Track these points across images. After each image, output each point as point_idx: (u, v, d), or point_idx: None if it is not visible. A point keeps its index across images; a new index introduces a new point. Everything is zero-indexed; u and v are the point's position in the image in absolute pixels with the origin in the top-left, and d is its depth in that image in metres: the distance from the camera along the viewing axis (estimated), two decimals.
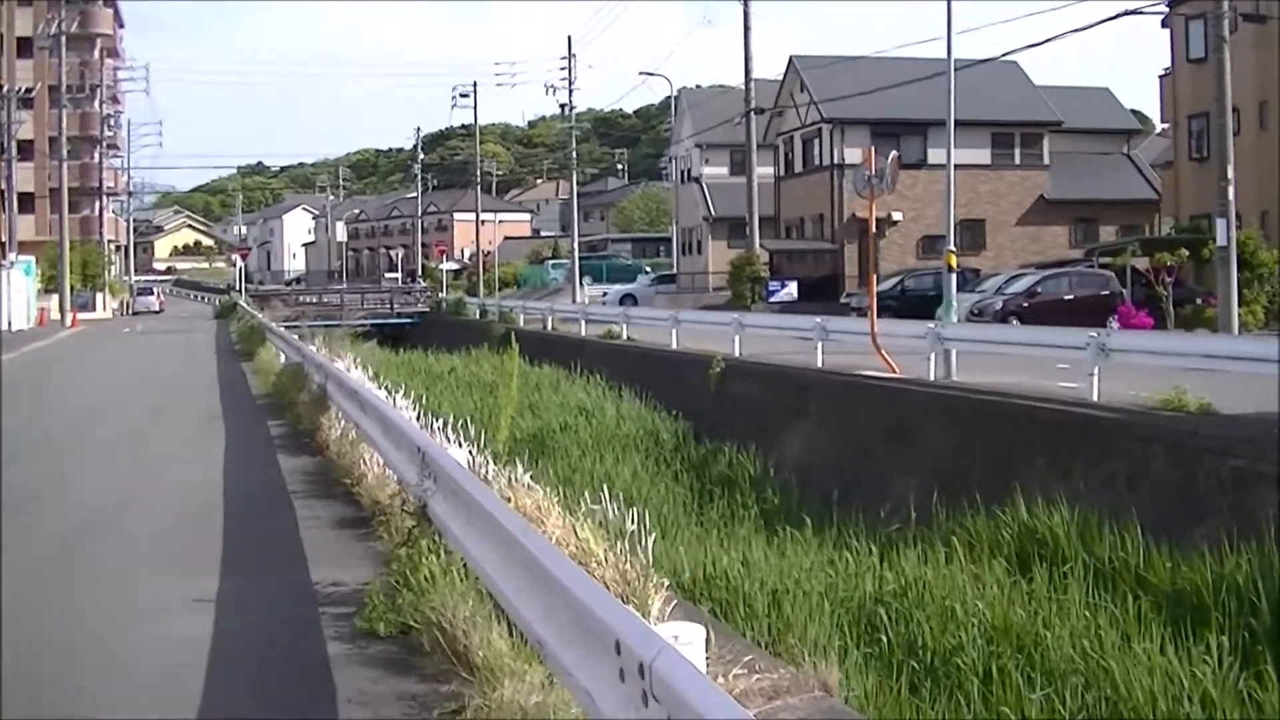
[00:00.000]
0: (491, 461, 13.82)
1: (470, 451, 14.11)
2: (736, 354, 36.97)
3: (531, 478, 12.46)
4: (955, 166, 64.46)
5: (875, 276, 34.74)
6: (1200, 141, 63.25)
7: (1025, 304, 47.52)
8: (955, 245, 71.80)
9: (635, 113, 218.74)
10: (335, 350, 31.58)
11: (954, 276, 33.84)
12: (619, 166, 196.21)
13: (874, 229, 33.97)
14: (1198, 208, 61.98)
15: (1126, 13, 41.72)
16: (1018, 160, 75.09)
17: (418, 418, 17.36)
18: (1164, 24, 64.75)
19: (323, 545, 14.79)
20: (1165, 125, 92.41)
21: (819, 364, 32.82)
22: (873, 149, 32.67)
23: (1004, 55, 55.83)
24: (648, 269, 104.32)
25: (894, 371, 29.95)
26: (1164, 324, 44.87)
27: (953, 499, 21.16)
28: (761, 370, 34.70)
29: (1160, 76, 68.42)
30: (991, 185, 72.12)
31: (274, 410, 30.50)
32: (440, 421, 16.42)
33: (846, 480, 26.25)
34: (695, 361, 37.84)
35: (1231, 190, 38.92)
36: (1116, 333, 24.71)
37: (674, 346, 41.90)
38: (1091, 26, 63.34)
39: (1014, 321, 44.70)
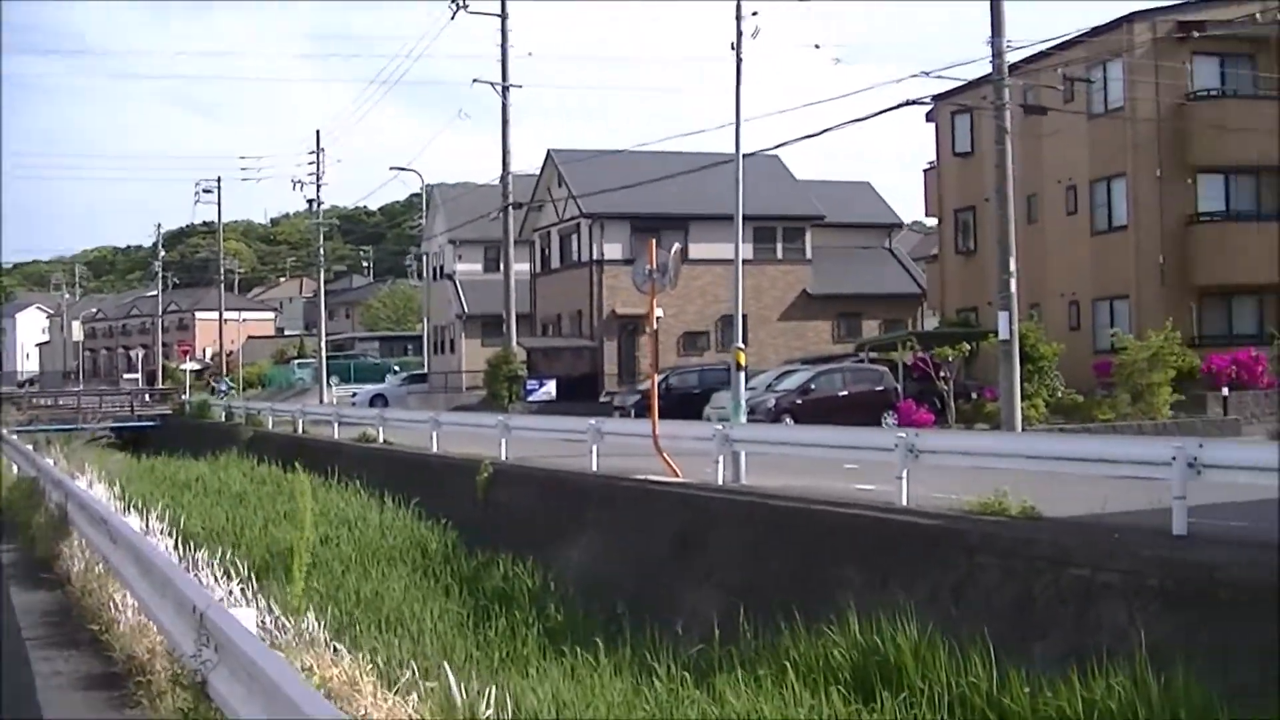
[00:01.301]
0: (284, 616, 11.72)
1: (257, 605, 11.99)
2: (504, 458, 35.02)
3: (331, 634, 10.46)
4: (716, 261, 64.24)
5: (655, 375, 32.76)
6: (966, 235, 63.16)
7: (799, 401, 46.46)
8: (716, 341, 71.74)
9: (380, 210, 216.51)
10: (75, 462, 29.14)
11: (742, 374, 32.09)
12: (364, 264, 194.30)
13: (654, 325, 32.18)
14: (964, 301, 61.96)
15: (904, 104, 40.96)
16: (780, 254, 74.49)
17: (175, 545, 15.18)
18: (929, 118, 64.64)
19: (68, 715, 12.29)
20: (914, 220, 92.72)
21: (595, 468, 30.95)
22: (654, 242, 31.06)
23: (770, 149, 55.01)
24: (396, 368, 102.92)
25: (677, 475, 28.23)
26: (945, 420, 44.03)
27: (759, 614, 19.47)
28: (534, 475, 32.79)
29: (925, 170, 68.16)
30: (754, 280, 70.74)
31: (4, 531, 27.87)
32: (204, 552, 14.27)
33: (635, 594, 24.42)
34: (460, 466, 35.90)
35: (1014, 283, 38.15)
36: (926, 433, 23.27)
37: (435, 450, 39.92)
38: (865, 119, 62.85)
39: (788, 419, 43.69)
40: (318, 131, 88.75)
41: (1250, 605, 14.21)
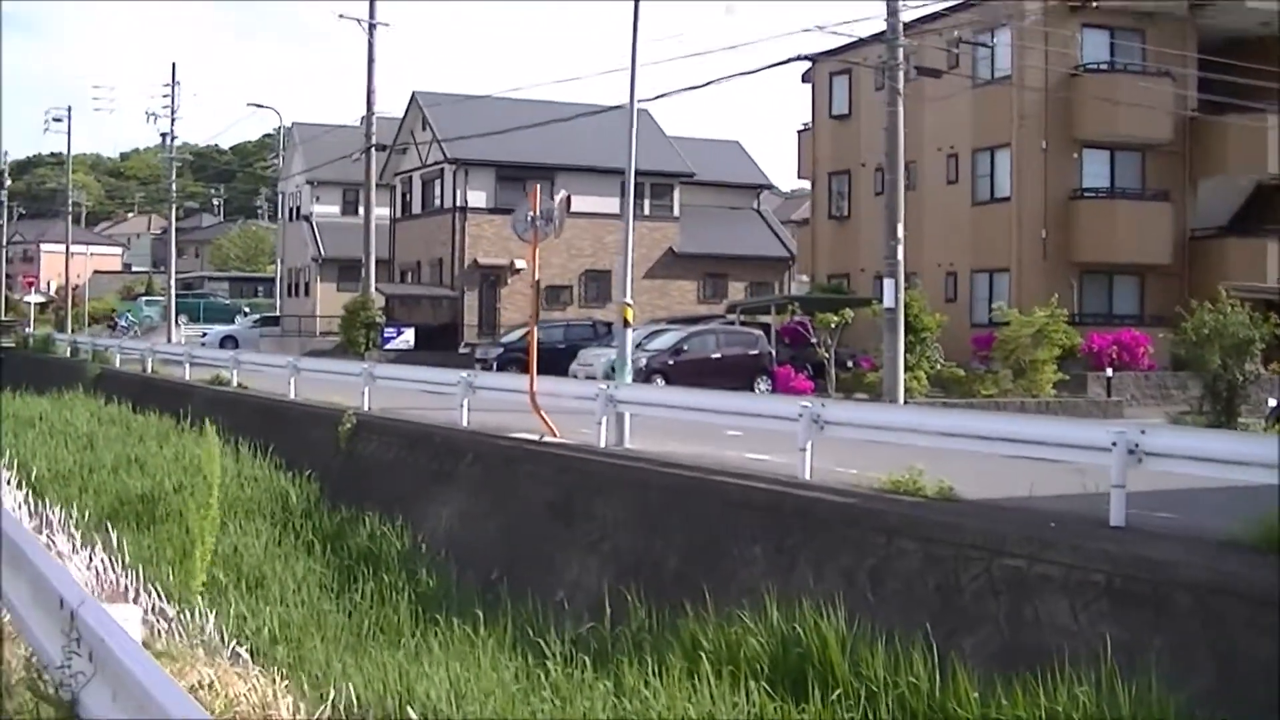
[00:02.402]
0: (180, 612, 9.87)
1: (146, 595, 10.09)
2: (367, 408, 33.32)
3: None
4: (581, 214, 62.85)
5: (535, 328, 31.00)
6: (840, 200, 62.14)
7: (671, 362, 45.09)
8: (580, 296, 70.33)
9: (232, 148, 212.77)
10: None
11: (629, 331, 30.74)
12: (215, 203, 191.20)
13: (536, 275, 30.59)
14: (835, 267, 61.04)
15: (796, 58, 39.74)
16: (647, 210, 72.80)
17: (26, 496, 13.36)
18: (805, 79, 63.50)
19: None
20: (780, 184, 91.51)
21: (465, 423, 29.36)
22: (537, 187, 29.34)
23: (648, 100, 53.68)
24: (247, 309, 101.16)
25: (555, 435, 26.68)
26: (824, 388, 42.91)
27: (653, 592, 18.13)
28: (400, 428, 31.03)
29: (799, 132, 66.94)
30: (619, 235, 69.37)
31: None
32: (59, 509, 12.49)
33: (511, 560, 22.95)
34: (321, 415, 34.25)
35: (901, 250, 37.01)
36: (833, 405, 21.93)
37: (293, 396, 38.15)
38: (745, 75, 61.80)
39: (659, 380, 42.36)
40: (174, 64, 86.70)
41: (1207, 607, 13.13)
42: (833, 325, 44.38)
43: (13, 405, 46.48)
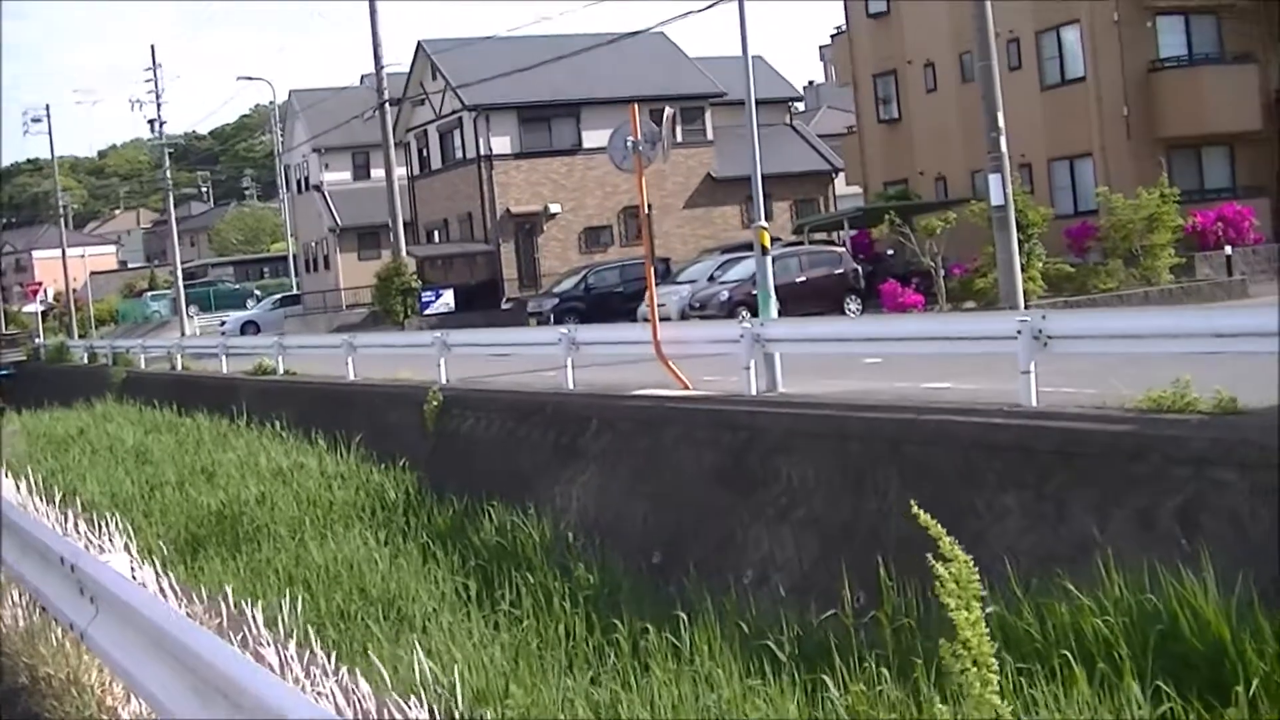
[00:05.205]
0: None
1: None
2: (444, 380, 29.80)
3: None
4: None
5: (652, 268, 27.34)
6: (888, 103, 58.94)
7: (755, 290, 41.86)
8: (620, 235, 67.06)
9: (210, 133, 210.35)
10: None
11: (769, 260, 27.35)
12: (202, 189, 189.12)
13: (645, 209, 27.28)
14: (889, 174, 58.07)
15: None
16: (680, 137, 69.10)
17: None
18: None
19: None
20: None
21: (571, 385, 25.87)
22: (635, 107, 25.85)
23: (655, 26, 50.99)
24: (257, 292, 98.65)
25: (687, 387, 23.29)
26: (935, 301, 39.78)
27: (873, 564, 14.62)
28: (498, 400, 27.49)
29: (833, 36, 63.63)
30: (654, 166, 65.86)
31: None
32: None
33: (672, 542, 19.65)
34: (395, 395, 31.26)
35: (1004, 141, 33.86)
36: (1057, 316, 18.54)
37: (353, 378, 34.73)
38: None
39: (744, 312, 38.91)
40: (152, 46, 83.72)
41: None
42: (937, 231, 40.99)
43: (42, 424, 43.17)
